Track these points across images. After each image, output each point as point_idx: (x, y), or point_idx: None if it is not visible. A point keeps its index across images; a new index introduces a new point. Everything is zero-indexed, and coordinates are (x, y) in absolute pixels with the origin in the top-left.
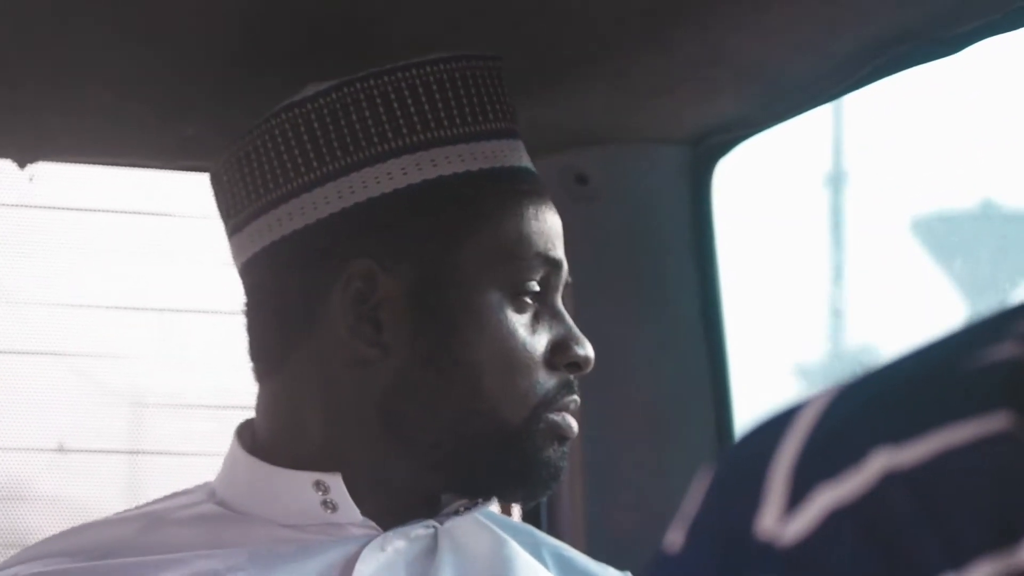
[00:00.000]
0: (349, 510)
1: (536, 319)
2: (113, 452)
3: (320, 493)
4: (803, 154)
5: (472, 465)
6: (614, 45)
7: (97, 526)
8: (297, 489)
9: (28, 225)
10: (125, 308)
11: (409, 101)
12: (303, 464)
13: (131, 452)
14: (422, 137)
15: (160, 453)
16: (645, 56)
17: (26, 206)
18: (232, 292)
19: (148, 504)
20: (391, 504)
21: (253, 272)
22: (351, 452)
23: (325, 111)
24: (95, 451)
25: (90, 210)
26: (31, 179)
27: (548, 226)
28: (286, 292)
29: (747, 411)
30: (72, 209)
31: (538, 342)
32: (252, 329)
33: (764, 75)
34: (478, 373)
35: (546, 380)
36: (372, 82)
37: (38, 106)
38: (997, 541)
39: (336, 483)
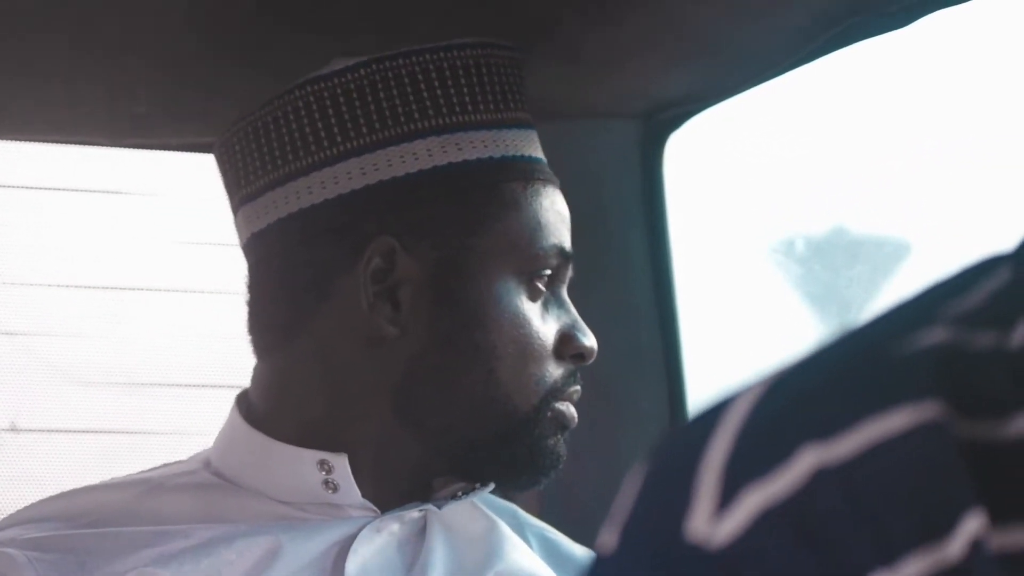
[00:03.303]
0: (350, 492)
1: (545, 308)
2: (66, 431)
3: (323, 473)
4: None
5: (479, 451)
6: (562, 18)
7: (92, 490)
8: (299, 466)
9: None
10: (76, 287)
11: (436, 83)
12: (305, 441)
13: (84, 431)
14: (448, 120)
15: (114, 431)
16: (594, 29)
17: None
18: (182, 271)
19: (143, 472)
20: (390, 486)
21: (264, 244)
22: (356, 432)
23: (352, 87)
24: (48, 430)
25: (39, 188)
26: None
27: (563, 217)
28: (300, 265)
29: (699, 385)
30: (20, 187)
31: (548, 331)
32: (258, 302)
33: (716, 48)
34: (495, 359)
35: (555, 369)
36: (400, 62)
37: None
38: (926, 536)
39: (341, 464)
